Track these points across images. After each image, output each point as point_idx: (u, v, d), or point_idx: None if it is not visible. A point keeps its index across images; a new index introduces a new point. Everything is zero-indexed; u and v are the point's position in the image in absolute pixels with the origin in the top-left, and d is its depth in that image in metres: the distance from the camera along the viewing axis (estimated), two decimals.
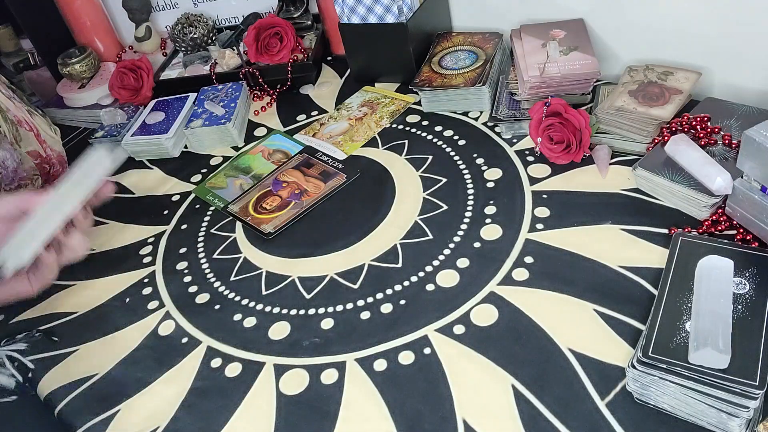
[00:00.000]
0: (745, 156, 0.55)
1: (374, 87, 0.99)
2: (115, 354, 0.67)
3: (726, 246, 0.57)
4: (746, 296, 0.52)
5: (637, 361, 0.49)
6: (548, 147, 0.75)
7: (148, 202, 0.89)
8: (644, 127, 0.71)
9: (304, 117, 0.98)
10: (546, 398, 0.53)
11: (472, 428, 0.52)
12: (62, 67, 1.08)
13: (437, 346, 0.59)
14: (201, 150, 0.96)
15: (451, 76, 0.88)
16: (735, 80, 0.79)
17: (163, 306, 0.72)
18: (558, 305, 0.60)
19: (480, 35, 0.96)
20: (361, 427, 0.54)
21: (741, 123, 0.69)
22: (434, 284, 0.65)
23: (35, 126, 0.92)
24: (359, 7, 0.93)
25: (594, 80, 0.79)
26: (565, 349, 0.56)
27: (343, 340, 0.62)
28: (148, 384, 0.63)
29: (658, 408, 0.50)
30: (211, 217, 0.83)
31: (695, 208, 0.64)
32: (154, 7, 1.22)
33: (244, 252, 0.76)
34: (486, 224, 0.70)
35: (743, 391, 0.45)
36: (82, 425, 0.60)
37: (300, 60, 1.03)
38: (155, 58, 1.18)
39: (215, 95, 1.00)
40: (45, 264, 0.69)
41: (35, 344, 0.70)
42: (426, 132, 0.87)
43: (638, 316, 0.57)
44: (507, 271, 0.64)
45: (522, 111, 0.81)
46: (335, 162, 0.85)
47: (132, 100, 1.04)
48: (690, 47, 0.80)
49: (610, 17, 0.86)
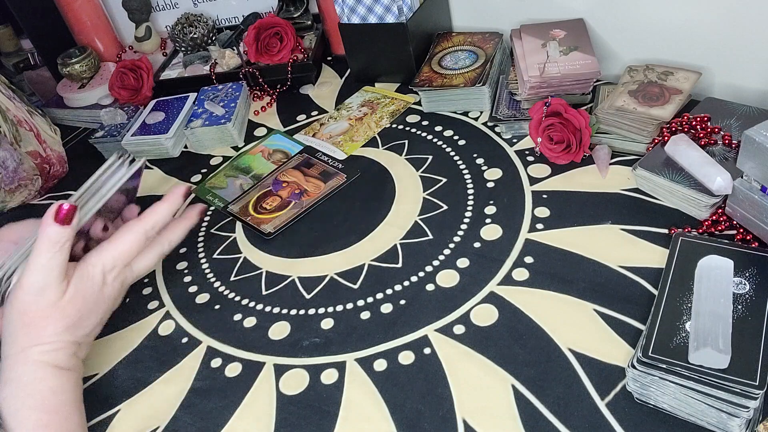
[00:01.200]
0: (745, 156, 0.56)
1: (374, 87, 0.99)
2: (115, 354, 0.67)
3: (726, 246, 0.57)
4: (746, 296, 0.52)
5: (637, 361, 0.49)
6: (548, 147, 0.75)
7: (148, 202, 0.89)
8: (644, 127, 0.71)
9: (304, 117, 0.98)
10: (546, 398, 0.53)
11: (472, 428, 0.52)
12: (62, 67, 1.08)
13: (437, 346, 0.59)
14: (201, 150, 0.96)
15: (451, 76, 0.88)
16: (735, 80, 0.79)
17: (163, 306, 0.72)
18: (558, 305, 0.60)
19: (480, 35, 0.96)
20: (361, 427, 0.54)
21: (741, 123, 0.69)
22: (434, 284, 0.65)
23: (35, 126, 0.92)
24: (359, 7, 0.93)
25: (594, 80, 0.79)
26: (565, 349, 0.56)
27: (343, 340, 0.62)
28: (148, 384, 0.63)
29: (658, 408, 0.50)
30: (211, 217, 0.83)
31: (695, 208, 0.64)
32: (154, 7, 1.22)
33: (244, 252, 0.76)
34: (486, 224, 0.70)
35: (743, 391, 0.45)
36: None
37: (300, 60, 1.03)
38: (155, 58, 1.18)
39: (215, 95, 1.00)
40: None
41: None
42: (426, 132, 0.87)
43: (638, 316, 0.57)
44: (507, 271, 0.64)
45: (522, 111, 0.81)
46: (335, 162, 0.85)
47: (132, 100, 1.04)
48: (690, 47, 0.80)
49: (610, 17, 0.86)
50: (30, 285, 0.53)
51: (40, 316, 0.54)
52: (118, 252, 0.58)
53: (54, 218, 0.54)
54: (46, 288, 0.53)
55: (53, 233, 0.53)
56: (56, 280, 0.54)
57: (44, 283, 0.53)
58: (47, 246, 0.53)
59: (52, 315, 0.54)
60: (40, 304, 0.54)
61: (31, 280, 0.53)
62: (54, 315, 0.54)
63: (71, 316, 0.55)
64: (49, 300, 0.54)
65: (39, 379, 0.53)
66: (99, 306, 0.58)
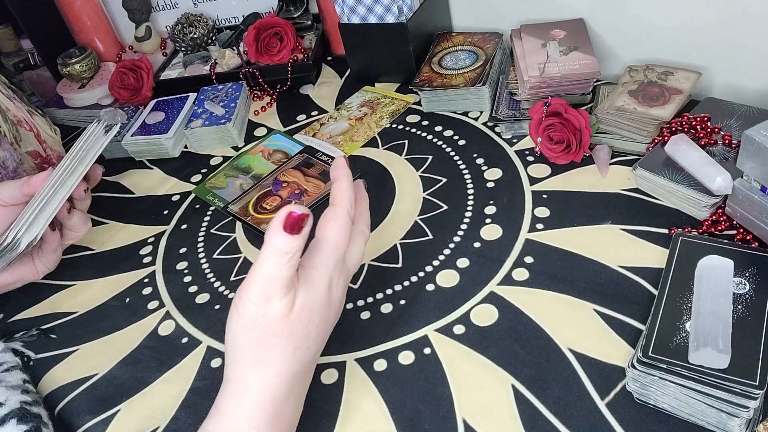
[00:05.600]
0: (745, 156, 0.55)
1: (374, 87, 0.99)
2: (115, 354, 0.67)
3: (726, 246, 0.57)
4: (746, 296, 0.52)
5: (637, 361, 0.49)
6: (548, 147, 0.75)
7: (148, 202, 0.89)
8: (644, 127, 0.71)
9: (304, 117, 0.98)
10: (546, 398, 0.53)
11: (472, 428, 0.52)
12: (62, 67, 1.08)
13: (437, 346, 0.59)
14: (201, 150, 0.96)
15: (451, 76, 0.88)
16: (735, 80, 0.79)
17: (163, 306, 0.72)
18: (558, 305, 0.60)
19: (480, 35, 0.96)
20: (361, 427, 0.54)
21: (741, 123, 0.69)
22: (434, 284, 0.65)
23: (35, 126, 0.92)
24: (359, 7, 0.93)
25: (594, 80, 0.79)
26: (565, 349, 0.56)
27: (343, 340, 0.62)
28: (148, 384, 0.63)
29: (658, 408, 0.50)
30: (211, 217, 0.83)
31: (695, 208, 0.64)
32: (154, 7, 1.22)
33: (244, 252, 0.76)
34: (486, 224, 0.70)
35: (743, 391, 0.45)
36: (82, 425, 0.60)
37: (300, 60, 1.03)
38: (155, 58, 1.18)
39: (215, 95, 1.00)
40: (49, 245, 0.70)
41: (32, 344, 0.70)
42: (426, 132, 0.87)
43: (638, 316, 0.57)
44: (507, 271, 0.64)
45: (522, 111, 0.81)
46: None
47: (132, 100, 1.04)
48: (690, 47, 0.80)
49: (610, 17, 0.86)
50: (257, 296, 0.45)
51: (269, 332, 0.46)
52: (333, 246, 0.50)
53: (282, 226, 0.45)
54: (272, 299, 0.46)
55: (281, 244, 0.45)
56: (283, 292, 0.46)
57: (270, 295, 0.45)
58: (274, 257, 0.45)
59: (280, 333, 0.46)
60: (268, 317, 0.46)
61: (256, 291, 0.45)
62: (281, 333, 0.46)
63: (299, 334, 0.47)
64: (277, 314, 0.46)
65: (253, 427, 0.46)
66: (328, 317, 0.50)
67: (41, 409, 0.61)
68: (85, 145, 0.67)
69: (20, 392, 0.61)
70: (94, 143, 0.68)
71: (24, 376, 0.64)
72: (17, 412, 0.58)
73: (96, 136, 0.68)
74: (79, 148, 0.67)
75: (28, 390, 0.62)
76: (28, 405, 0.60)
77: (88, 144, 0.67)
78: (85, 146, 0.67)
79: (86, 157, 0.67)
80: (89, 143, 0.67)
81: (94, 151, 0.67)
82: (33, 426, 0.57)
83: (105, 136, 0.68)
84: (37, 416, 0.59)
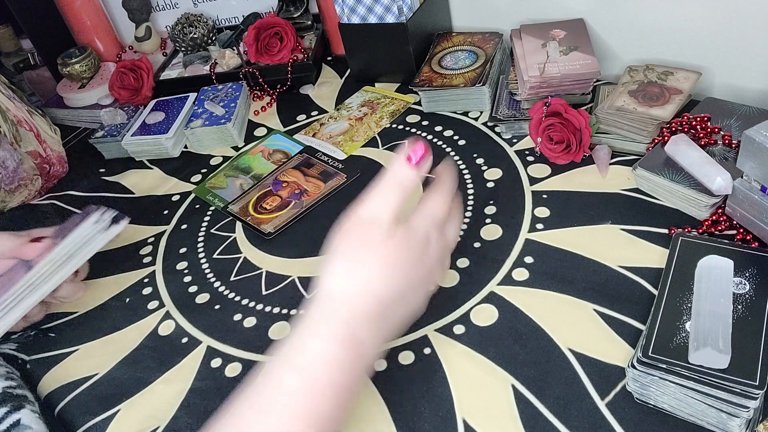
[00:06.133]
0: (745, 156, 0.55)
1: (374, 87, 0.99)
2: (115, 354, 0.67)
3: (726, 246, 0.57)
4: (746, 296, 0.52)
5: (637, 361, 0.49)
6: (548, 147, 0.75)
7: (148, 202, 0.89)
8: (644, 127, 0.71)
9: (304, 117, 0.98)
10: (546, 398, 0.53)
11: (472, 428, 0.52)
12: (62, 67, 1.08)
13: (437, 346, 0.59)
14: (201, 150, 0.96)
15: (451, 76, 0.88)
16: (735, 80, 0.79)
17: (163, 306, 0.72)
18: (558, 305, 0.60)
19: (480, 35, 0.96)
20: (361, 427, 0.54)
21: (741, 123, 0.69)
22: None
23: (35, 126, 0.92)
24: (359, 7, 0.93)
25: (594, 80, 0.79)
26: (565, 349, 0.56)
27: None
28: (148, 384, 0.63)
29: (658, 408, 0.50)
30: (211, 217, 0.83)
31: (695, 208, 0.64)
32: (154, 7, 1.22)
33: (244, 252, 0.76)
34: (486, 224, 0.70)
35: (743, 391, 0.45)
36: (82, 425, 0.60)
37: (300, 60, 1.03)
38: (155, 58, 1.18)
39: (215, 95, 1.00)
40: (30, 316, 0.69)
41: (28, 345, 0.70)
42: (426, 132, 0.87)
43: (638, 316, 0.57)
44: (507, 271, 0.64)
45: (522, 111, 0.81)
46: (335, 162, 0.85)
47: (132, 100, 1.04)
48: (690, 47, 0.80)
49: (610, 17, 0.86)
50: (363, 211, 0.49)
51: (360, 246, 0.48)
52: (435, 208, 0.53)
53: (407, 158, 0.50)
54: (377, 219, 0.48)
55: (400, 172, 0.50)
56: (388, 216, 0.48)
57: (376, 215, 0.48)
58: (393, 183, 0.50)
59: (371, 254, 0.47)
60: (365, 233, 0.48)
61: (366, 208, 0.49)
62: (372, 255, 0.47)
63: (389, 266, 0.47)
64: (375, 233, 0.48)
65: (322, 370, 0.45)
66: (420, 267, 0.50)
67: (26, 392, 0.61)
68: (83, 237, 0.62)
69: (3, 379, 0.61)
70: (93, 239, 0.63)
71: (7, 368, 0.64)
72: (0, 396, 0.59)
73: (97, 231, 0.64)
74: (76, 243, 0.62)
75: (12, 377, 0.63)
76: (11, 389, 0.60)
77: (87, 237, 0.63)
78: (83, 239, 0.63)
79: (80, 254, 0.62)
80: (88, 237, 0.63)
81: (90, 248, 0.63)
82: (14, 405, 0.58)
83: (106, 232, 0.64)
84: (21, 396, 0.60)
